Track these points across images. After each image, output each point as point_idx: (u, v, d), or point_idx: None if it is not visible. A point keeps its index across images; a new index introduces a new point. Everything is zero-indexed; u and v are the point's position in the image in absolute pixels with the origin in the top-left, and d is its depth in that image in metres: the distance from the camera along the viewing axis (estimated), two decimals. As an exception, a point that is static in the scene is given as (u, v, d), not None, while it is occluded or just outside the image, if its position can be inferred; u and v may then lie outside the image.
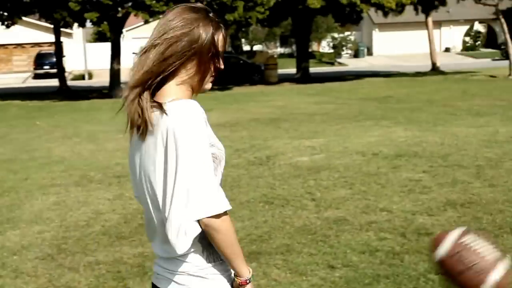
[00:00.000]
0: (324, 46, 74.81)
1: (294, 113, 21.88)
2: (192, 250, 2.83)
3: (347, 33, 71.51)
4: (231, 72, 42.08)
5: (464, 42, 73.52)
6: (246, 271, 2.86)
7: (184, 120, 2.69)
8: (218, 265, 2.90)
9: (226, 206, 2.70)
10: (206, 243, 2.83)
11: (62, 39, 46.68)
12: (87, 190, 11.07)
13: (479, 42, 74.08)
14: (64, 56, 47.28)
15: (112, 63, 39.14)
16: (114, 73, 38.90)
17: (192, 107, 2.72)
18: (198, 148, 2.68)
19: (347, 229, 7.94)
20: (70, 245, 7.96)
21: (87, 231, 8.53)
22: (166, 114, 2.70)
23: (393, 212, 8.60)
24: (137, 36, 65.38)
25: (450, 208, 8.68)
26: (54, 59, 48.51)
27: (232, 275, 2.92)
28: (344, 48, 73.46)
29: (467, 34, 74.03)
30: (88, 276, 6.83)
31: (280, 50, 76.98)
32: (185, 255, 2.84)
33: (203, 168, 2.69)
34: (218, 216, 2.68)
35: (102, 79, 47.24)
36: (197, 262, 2.87)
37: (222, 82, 41.09)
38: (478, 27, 74.26)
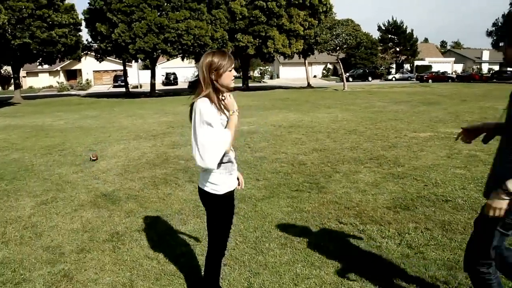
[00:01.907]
0: (256, 73, 74.40)
1: (241, 106, 21.71)
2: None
3: (267, 66, 71.23)
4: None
5: (323, 73, 73.80)
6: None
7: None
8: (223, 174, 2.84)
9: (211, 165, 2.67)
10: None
11: (127, 68, 45.67)
12: (138, 142, 10.84)
13: (329, 73, 74.42)
14: (128, 77, 46.07)
15: (151, 80, 38.25)
16: (152, 85, 38.12)
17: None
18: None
19: (266, 162, 7.92)
20: (130, 168, 7.80)
21: (139, 162, 8.37)
22: None
23: (288, 154, 8.61)
24: (164, 66, 64.23)
25: (315, 152, 8.73)
26: (123, 78, 46.99)
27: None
28: (265, 74, 73.13)
29: (324, 69, 74.26)
30: (139, 183, 6.72)
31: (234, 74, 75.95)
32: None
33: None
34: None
35: (146, 88, 46.20)
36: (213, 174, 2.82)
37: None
38: (329, 65, 74.59)
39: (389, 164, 7.41)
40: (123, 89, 44.76)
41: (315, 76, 72.09)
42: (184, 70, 67.76)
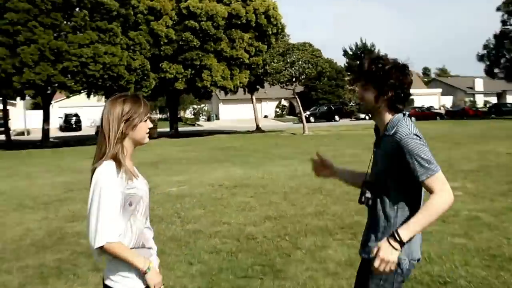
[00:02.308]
0: (188, 113, 74.95)
1: (167, 158, 21.59)
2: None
3: (202, 105, 72.13)
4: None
5: (276, 112, 75.48)
6: (140, 265, 2.72)
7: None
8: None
9: (102, 241, 2.64)
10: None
11: (8, 107, 44.67)
12: (21, 214, 10.33)
13: (284, 111, 76.31)
14: (9, 119, 44.97)
15: (43, 124, 37.56)
16: (45, 131, 37.43)
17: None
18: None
19: (201, 237, 7.77)
20: (6, 254, 7.33)
21: (20, 244, 7.92)
22: None
23: (231, 225, 8.50)
24: (62, 105, 63.46)
25: (268, 221, 8.68)
26: (1, 121, 45.85)
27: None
28: (201, 114, 73.82)
29: (277, 106, 76.10)
30: (20, 277, 6.31)
31: (158, 115, 76.37)
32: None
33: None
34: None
35: (36, 135, 45.12)
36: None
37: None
38: (284, 102, 76.56)
39: (366, 234, 7.45)
40: (2, 137, 43.36)
41: (266, 116, 73.69)
42: (91, 110, 67.08)
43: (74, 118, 61.96)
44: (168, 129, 45.85)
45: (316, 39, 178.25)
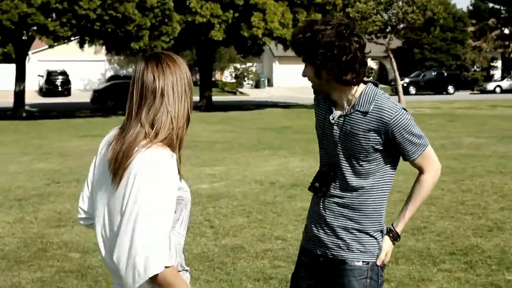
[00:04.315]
0: (227, 76, 75.08)
1: (196, 141, 21.77)
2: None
3: (248, 64, 72.08)
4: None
5: (359, 76, 74.98)
6: None
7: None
8: None
9: (160, 266, 2.59)
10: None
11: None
12: (-13, 213, 10.71)
13: (371, 78, 75.70)
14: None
15: (16, 84, 38.37)
16: (18, 95, 38.10)
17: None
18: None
19: (243, 257, 7.94)
20: (-32, 269, 7.69)
21: (-14, 256, 8.26)
22: None
23: (288, 241, 8.62)
24: (43, 59, 64.11)
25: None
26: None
27: None
28: (245, 78, 73.93)
29: (361, 68, 75.55)
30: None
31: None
32: None
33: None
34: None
35: (5, 100, 45.99)
36: None
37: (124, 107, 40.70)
38: (371, 63, 75.87)
39: (488, 265, 7.46)
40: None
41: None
42: (84, 67, 68.12)
43: (60, 78, 62.34)
44: (197, 98, 46.27)
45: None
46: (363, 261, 3.63)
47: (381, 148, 3.51)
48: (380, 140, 3.47)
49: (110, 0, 32.78)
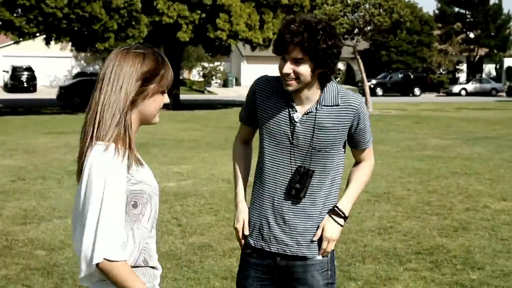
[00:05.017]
0: (195, 75, 75.06)
1: (163, 139, 21.78)
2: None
3: (216, 63, 72.11)
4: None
5: (327, 77, 75.30)
6: None
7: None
8: None
9: (99, 257, 2.62)
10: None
11: None
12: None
13: (339, 79, 76.02)
14: None
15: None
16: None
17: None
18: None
19: (211, 255, 7.97)
20: None
21: (-50, 252, 8.19)
22: None
23: (255, 239, 8.65)
24: (8, 54, 63.75)
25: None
26: None
27: None
28: (213, 77, 73.96)
29: (329, 70, 75.85)
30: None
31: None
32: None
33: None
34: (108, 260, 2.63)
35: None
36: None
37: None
38: (338, 64, 75.88)
39: (453, 264, 7.55)
40: None
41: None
42: (50, 63, 67.72)
43: (25, 74, 62.16)
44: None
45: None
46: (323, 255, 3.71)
47: (345, 139, 3.66)
48: (348, 129, 3.62)
49: (77, 0, 32.64)
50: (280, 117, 3.66)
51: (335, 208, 3.67)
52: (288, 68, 3.45)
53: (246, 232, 3.80)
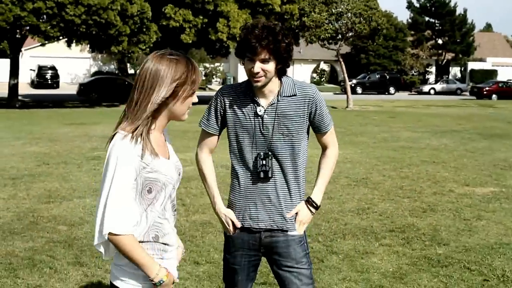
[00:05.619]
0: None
1: (170, 130, 21.67)
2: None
3: (217, 64, 72.03)
4: (117, 91, 42.23)
5: (312, 78, 75.16)
6: (151, 274, 2.78)
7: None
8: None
9: (108, 230, 2.70)
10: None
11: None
12: (-16, 190, 10.62)
13: (323, 79, 75.94)
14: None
15: (10, 77, 38.15)
16: (12, 86, 37.96)
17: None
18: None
19: (211, 231, 7.99)
20: (-33, 239, 7.61)
21: (-17, 227, 8.19)
22: None
23: (250, 218, 8.66)
24: (34, 55, 63.59)
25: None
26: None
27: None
28: (214, 76, 73.84)
29: (314, 71, 75.73)
30: (-17, 267, 6.55)
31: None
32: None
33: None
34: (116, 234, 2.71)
35: (1, 91, 45.50)
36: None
37: (110, 100, 40.80)
38: (323, 66, 76.14)
39: (422, 241, 7.60)
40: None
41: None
42: (71, 63, 67.47)
43: (50, 72, 61.85)
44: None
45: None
46: None
47: (307, 123, 3.76)
48: (308, 115, 3.73)
49: (95, 8, 32.67)
50: (249, 112, 3.73)
51: (309, 199, 3.82)
52: (258, 67, 3.54)
53: (238, 225, 3.84)
